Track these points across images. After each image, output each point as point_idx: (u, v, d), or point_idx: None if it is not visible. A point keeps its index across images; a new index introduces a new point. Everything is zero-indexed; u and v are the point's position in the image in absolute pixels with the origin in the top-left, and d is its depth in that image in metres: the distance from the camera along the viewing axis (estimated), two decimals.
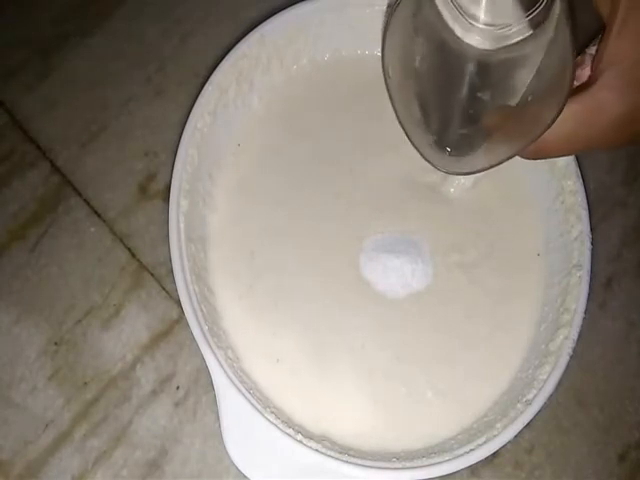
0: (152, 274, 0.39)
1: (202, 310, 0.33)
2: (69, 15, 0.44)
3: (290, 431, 0.31)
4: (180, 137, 0.35)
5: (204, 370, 0.37)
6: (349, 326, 0.36)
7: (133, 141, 0.42)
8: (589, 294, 0.34)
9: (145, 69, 0.43)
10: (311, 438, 0.32)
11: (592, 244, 0.35)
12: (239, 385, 0.31)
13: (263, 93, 0.40)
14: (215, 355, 0.32)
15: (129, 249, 0.40)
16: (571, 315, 0.33)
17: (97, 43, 0.44)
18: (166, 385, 0.37)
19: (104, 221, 0.40)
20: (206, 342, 0.32)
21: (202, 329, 0.32)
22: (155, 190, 0.41)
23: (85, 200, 0.40)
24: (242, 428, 0.31)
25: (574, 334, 0.33)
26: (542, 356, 0.34)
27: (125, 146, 0.42)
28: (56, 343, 0.38)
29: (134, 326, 0.38)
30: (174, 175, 0.34)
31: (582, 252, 0.35)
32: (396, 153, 0.39)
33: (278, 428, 0.31)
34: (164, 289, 0.39)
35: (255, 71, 0.39)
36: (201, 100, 0.36)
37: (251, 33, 0.37)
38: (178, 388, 0.37)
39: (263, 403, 0.32)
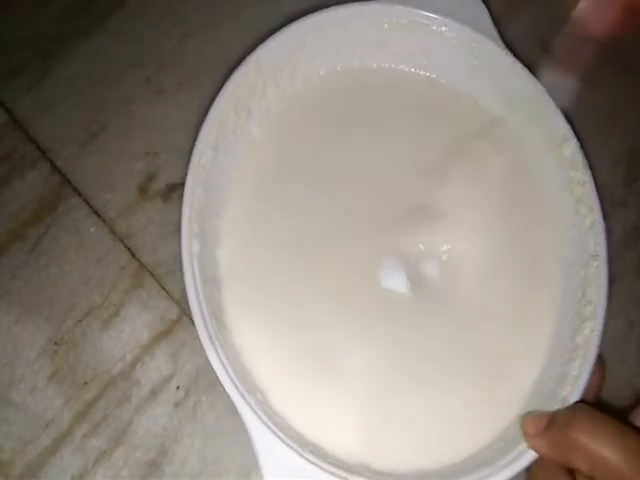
0: (152, 274, 0.39)
1: (226, 354, 0.32)
2: (69, 15, 0.44)
3: (333, 469, 0.31)
4: (186, 175, 0.34)
5: (204, 370, 0.37)
6: (373, 352, 0.35)
7: (133, 141, 0.42)
8: None
9: (145, 69, 0.43)
10: (355, 472, 0.31)
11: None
12: (274, 428, 0.31)
13: (261, 119, 0.38)
14: (245, 399, 0.31)
15: (129, 249, 0.40)
16: (594, 306, 0.33)
17: (97, 43, 0.44)
18: (166, 385, 0.37)
19: (104, 221, 0.40)
20: (235, 387, 0.31)
21: (229, 374, 0.31)
22: (155, 190, 0.41)
23: (85, 200, 0.40)
24: (282, 468, 0.30)
25: (599, 326, 0.32)
26: (570, 351, 0.33)
27: (125, 146, 0.42)
28: (56, 343, 0.37)
29: (134, 326, 0.38)
30: (183, 217, 0.33)
31: (597, 242, 0.34)
32: (397, 167, 0.39)
33: (321, 468, 0.30)
34: (164, 289, 0.39)
35: (252, 98, 0.37)
36: (203, 135, 0.35)
37: (247, 59, 0.36)
38: (178, 388, 0.37)
39: (300, 442, 0.31)
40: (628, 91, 0.45)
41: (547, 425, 0.30)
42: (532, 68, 0.38)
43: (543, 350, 0.35)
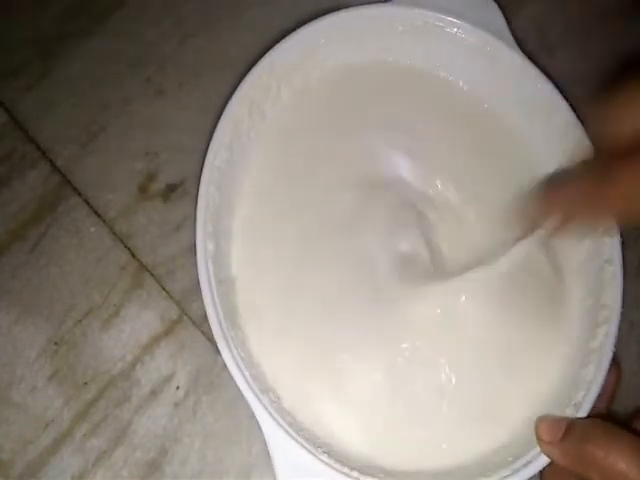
0: (152, 274, 0.39)
1: (240, 354, 0.32)
2: (69, 15, 0.44)
3: (346, 470, 0.31)
4: (200, 174, 0.34)
5: (204, 370, 0.37)
6: (384, 351, 0.35)
7: (133, 141, 0.42)
8: None
9: (145, 69, 0.43)
10: (367, 473, 0.31)
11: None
12: (288, 429, 0.31)
13: (275, 121, 0.38)
14: (260, 400, 0.31)
15: (129, 249, 0.40)
16: (609, 311, 0.33)
17: (97, 43, 0.44)
18: (166, 385, 0.37)
19: (104, 221, 0.40)
20: (249, 387, 0.31)
21: (244, 374, 0.31)
22: (155, 190, 0.41)
23: (85, 200, 0.40)
24: (296, 470, 0.30)
25: (614, 330, 0.32)
26: (584, 355, 0.33)
27: (125, 146, 0.42)
28: (56, 343, 0.37)
29: (134, 326, 0.38)
30: (198, 217, 0.33)
31: (612, 247, 0.34)
32: (411, 160, 0.38)
33: (334, 468, 0.30)
34: (164, 289, 0.39)
35: (266, 99, 0.37)
36: (217, 136, 0.35)
37: (261, 61, 0.36)
38: (178, 388, 0.37)
39: (313, 443, 0.31)
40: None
41: (563, 436, 0.30)
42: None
43: (558, 353, 0.35)
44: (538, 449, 0.31)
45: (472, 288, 0.35)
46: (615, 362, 0.33)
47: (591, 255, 0.36)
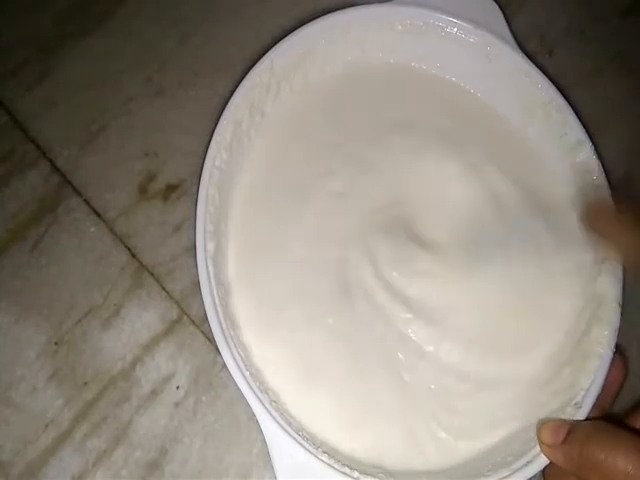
0: (152, 274, 0.39)
1: (240, 355, 0.32)
2: (69, 15, 0.44)
3: (346, 470, 0.31)
4: (200, 176, 0.34)
5: (204, 370, 0.37)
6: (379, 350, 0.35)
7: (133, 141, 0.42)
8: None
9: (145, 69, 0.43)
10: (367, 473, 0.31)
11: None
12: (288, 429, 0.31)
13: (275, 120, 0.38)
14: (260, 399, 0.31)
15: (129, 249, 0.40)
16: (609, 311, 0.33)
17: (97, 43, 0.44)
18: (166, 385, 0.37)
19: (104, 221, 0.40)
20: (249, 387, 0.31)
21: (244, 375, 0.31)
22: (155, 190, 0.41)
23: (85, 200, 0.40)
24: (296, 470, 0.30)
25: (614, 329, 0.33)
26: (584, 354, 0.33)
27: (125, 146, 0.42)
28: (56, 343, 0.37)
29: (134, 326, 0.38)
30: (198, 218, 0.33)
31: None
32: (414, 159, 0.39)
33: (334, 468, 0.30)
34: (164, 289, 0.39)
35: (266, 99, 0.38)
36: (217, 136, 0.35)
37: (261, 61, 0.36)
38: (178, 388, 0.37)
39: (313, 443, 0.31)
40: (628, 91, 0.45)
41: (564, 439, 0.30)
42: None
43: (555, 349, 0.35)
44: (538, 449, 0.31)
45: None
46: (622, 360, 0.33)
47: (591, 251, 0.36)
